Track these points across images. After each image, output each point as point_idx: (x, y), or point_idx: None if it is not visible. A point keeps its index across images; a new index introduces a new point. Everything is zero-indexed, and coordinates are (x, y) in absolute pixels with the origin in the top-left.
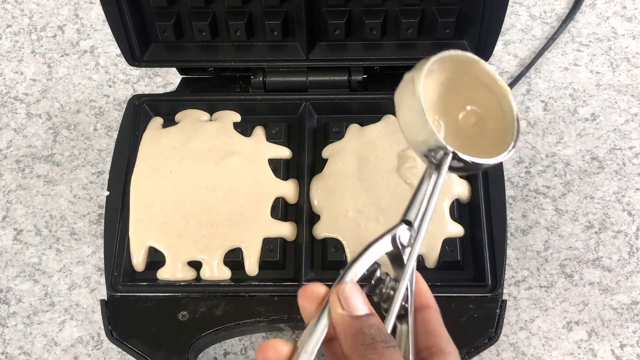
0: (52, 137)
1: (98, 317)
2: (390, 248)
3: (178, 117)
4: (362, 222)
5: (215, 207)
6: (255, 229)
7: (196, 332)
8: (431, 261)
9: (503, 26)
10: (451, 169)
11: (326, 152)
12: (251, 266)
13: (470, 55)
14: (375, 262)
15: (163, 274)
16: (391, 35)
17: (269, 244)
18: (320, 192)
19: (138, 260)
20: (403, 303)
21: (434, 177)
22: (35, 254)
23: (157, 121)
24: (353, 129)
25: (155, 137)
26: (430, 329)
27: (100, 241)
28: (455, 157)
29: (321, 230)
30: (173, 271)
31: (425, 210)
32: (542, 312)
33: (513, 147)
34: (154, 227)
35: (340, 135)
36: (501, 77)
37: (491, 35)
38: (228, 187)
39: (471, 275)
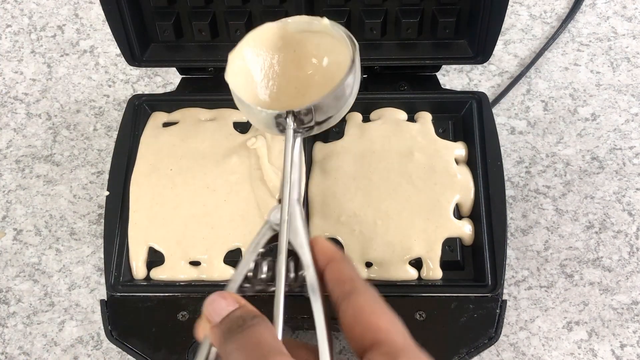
0: (52, 137)
1: (98, 317)
2: (270, 234)
3: (177, 116)
4: (357, 226)
5: (216, 208)
6: (255, 230)
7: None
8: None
9: (503, 26)
10: (307, 128)
11: (323, 152)
12: None
13: (269, 25)
14: (257, 255)
15: (158, 273)
16: (391, 35)
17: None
18: (318, 194)
19: (137, 265)
20: (295, 274)
21: (289, 143)
22: (35, 254)
23: (157, 117)
24: (353, 123)
25: (155, 137)
26: (363, 320)
27: (100, 241)
28: (296, 114)
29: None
30: (171, 271)
31: (290, 179)
32: (542, 312)
33: (352, 61)
34: (154, 228)
35: (340, 135)
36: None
37: (491, 35)
38: (228, 187)
39: (471, 275)
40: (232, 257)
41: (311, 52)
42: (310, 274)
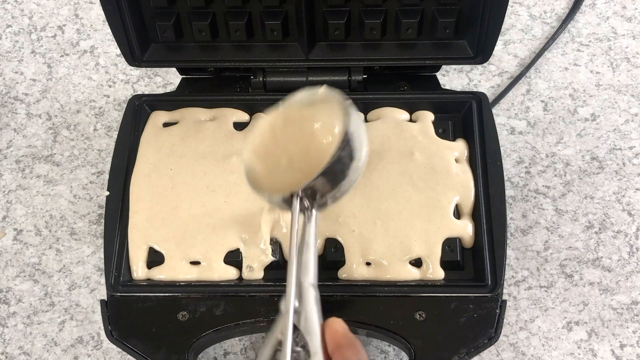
0: (52, 137)
1: (98, 317)
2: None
3: (177, 115)
4: (356, 227)
5: (216, 208)
6: (255, 230)
7: (196, 332)
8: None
9: (503, 26)
10: (321, 203)
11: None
12: (256, 270)
13: (270, 117)
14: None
15: (158, 273)
16: (391, 35)
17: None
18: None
19: (138, 265)
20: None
21: (294, 225)
22: (35, 254)
23: (156, 116)
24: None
25: (155, 137)
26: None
27: (100, 241)
28: (300, 194)
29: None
30: (171, 271)
31: (302, 261)
32: (542, 312)
33: (344, 134)
34: (154, 228)
35: None
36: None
37: (491, 35)
38: (228, 187)
39: (471, 275)
40: (232, 257)
41: (314, 126)
42: None
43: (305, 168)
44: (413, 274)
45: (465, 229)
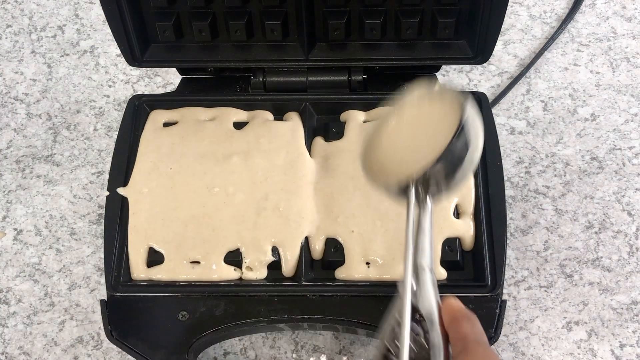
0: (52, 137)
1: (98, 317)
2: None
3: (177, 115)
4: (355, 227)
5: (215, 208)
6: (255, 230)
7: (196, 332)
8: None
9: (503, 26)
10: (432, 195)
11: (323, 151)
12: (255, 269)
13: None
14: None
15: (158, 273)
16: (391, 35)
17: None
18: (316, 193)
19: (137, 265)
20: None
21: (410, 211)
22: (35, 254)
23: (156, 115)
24: (353, 123)
25: (155, 136)
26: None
27: (100, 241)
28: (416, 180)
29: (317, 235)
30: (171, 271)
31: (419, 245)
32: (542, 312)
33: (459, 125)
34: (154, 228)
35: (340, 135)
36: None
37: (491, 35)
38: (228, 187)
39: (471, 275)
40: (232, 257)
41: (431, 119)
42: (435, 337)
43: (421, 159)
44: None
45: (465, 229)
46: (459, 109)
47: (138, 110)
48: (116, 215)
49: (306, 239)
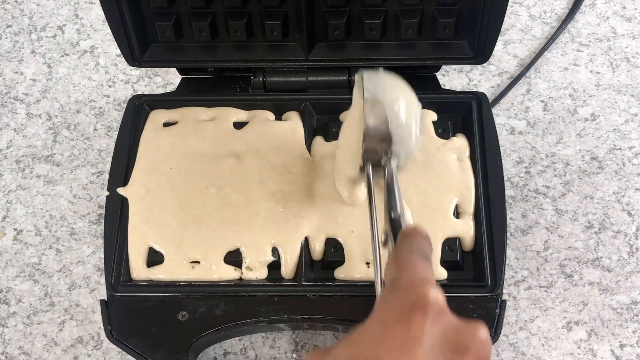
0: (52, 137)
1: (98, 317)
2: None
3: (177, 115)
4: (355, 227)
5: (215, 208)
6: (255, 230)
7: (196, 332)
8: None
9: (503, 26)
10: (384, 160)
11: (322, 151)
12: (255, 269)
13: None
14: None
15: (158, 273)
16: (391, 35)
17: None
18: (317, 194)
19: (137, 265)
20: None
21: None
22: (35, 254)
23: (156, 115)
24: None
25: (155, 136)
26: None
27: (100, 241)
28: (365, 160)
29: (317, 235)
30: (171, 271)
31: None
32: (542, 312)
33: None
34: (154, 228)
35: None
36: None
37: (491, 35)
38: (228, 187)
39: (471, 275)
40: (232, 257)
41: (359, 109)
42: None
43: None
44: None
45: (465, 229)
46: (358, 83)
47: (138, 110)
48: (116, 215)
49: (306, 239)
